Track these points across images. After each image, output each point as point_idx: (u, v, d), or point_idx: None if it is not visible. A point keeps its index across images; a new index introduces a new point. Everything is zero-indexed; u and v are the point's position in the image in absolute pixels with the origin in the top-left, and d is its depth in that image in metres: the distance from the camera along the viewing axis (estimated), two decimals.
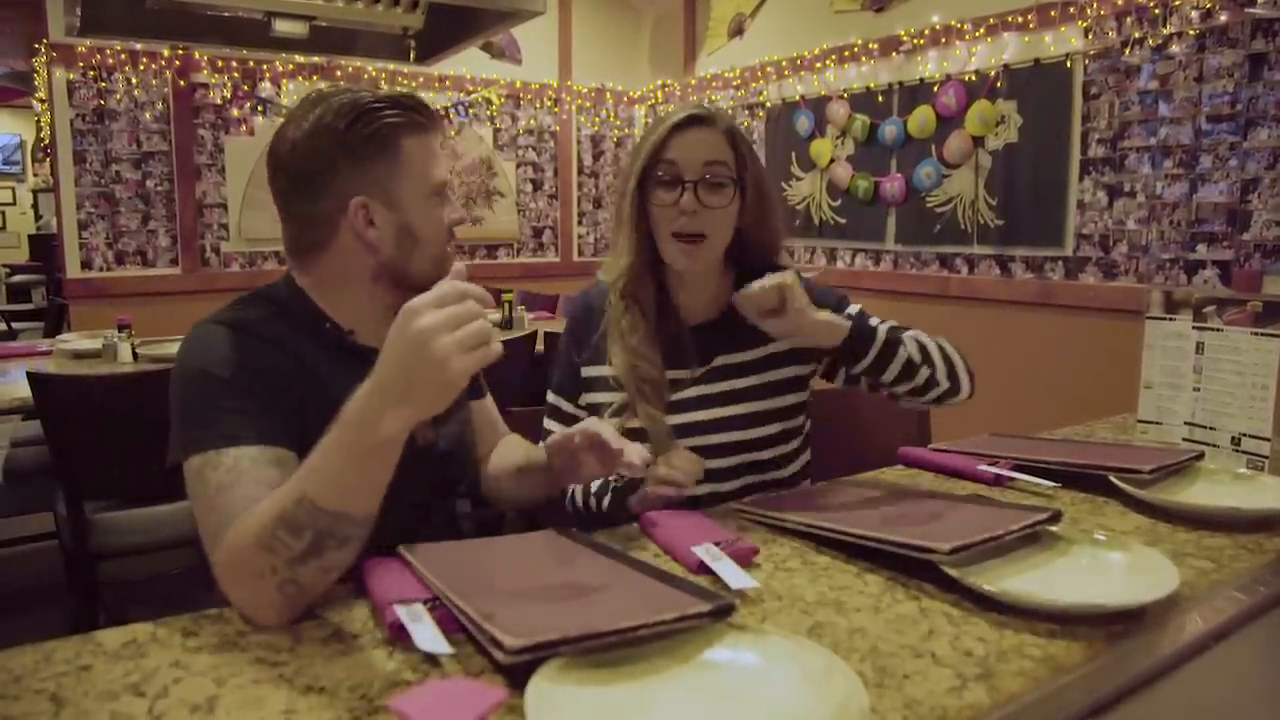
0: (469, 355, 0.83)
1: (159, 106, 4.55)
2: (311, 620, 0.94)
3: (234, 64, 4.71)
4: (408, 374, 0.83)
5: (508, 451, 1.47)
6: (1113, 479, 1.37)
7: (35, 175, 11.15)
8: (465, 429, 1.38)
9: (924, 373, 1.40)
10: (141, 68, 4.49)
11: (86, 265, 4.47)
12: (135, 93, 4.49)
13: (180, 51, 4.53)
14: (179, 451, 1.05)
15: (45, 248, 8.43)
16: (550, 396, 1.57)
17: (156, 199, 4.58)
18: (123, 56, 4.44)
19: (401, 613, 0.88)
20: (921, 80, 4.08)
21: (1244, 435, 1.52)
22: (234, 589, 0.94)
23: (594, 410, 1.50)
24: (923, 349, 1.42)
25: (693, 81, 5.51)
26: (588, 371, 1.52)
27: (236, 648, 0.88)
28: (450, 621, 0.88)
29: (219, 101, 4.69)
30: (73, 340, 3.35)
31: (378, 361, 0.86)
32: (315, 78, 4.89)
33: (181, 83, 4.58)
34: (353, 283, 1.19)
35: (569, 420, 1.52)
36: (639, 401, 1.43)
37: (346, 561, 0.95)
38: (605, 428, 1.22)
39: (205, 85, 4.67)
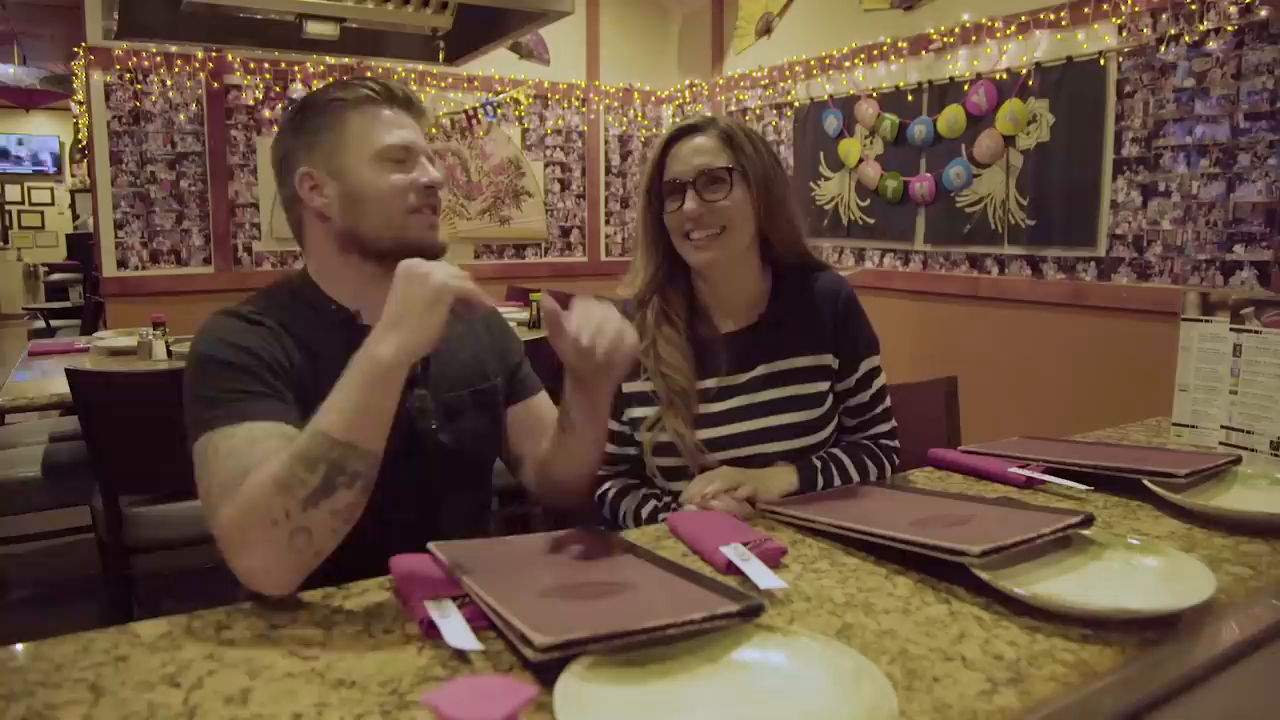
0: (453, 278, 1.02)
1: (193, 108, 4.61)
2: (342, 615, 0.95)
3: (266, 65, 4.76)
4: (402, 301, 1.01)
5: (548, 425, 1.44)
6: (1147, 483, 1.35)
7: (73, 176, 11.34)
8: (489, 427, 1.37)
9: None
10: (176, 70, 4.55)
11: (122, 264, 4.54)
12: (170, 94, 4.55)
13: (214, 54, 4.59)
14: (190, 437, 1.08)
15: (83, 247, 8.56)
16: None
17: (190, 199, 4.65)
18: (158, 59, 4.50)
19: (431, 609, 0.89)
20: (951, 79, 4.04)
21: None
22: (243, 550, 0.97)
23: (635, 425, 1.49)
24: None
25: (720, 81, 5.50)
26: (629, 387, 1.50)
27: (269, 641, 0.89)
28: (480, 618, 0.89)
29: (251, 102, 4.74)
30: (109, 338, 3.40)
31: (388, 300, 1.03)
32: (345, 78, 4.93)
33: (215, 84, 4.64)
34: (330, 257, 1.26)
35: (615, 436, 1.51)
36: (667, 415, 1.44)
37: (354, 506, 0.99)
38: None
39: (238, 87, 4.72)
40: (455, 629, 0.86)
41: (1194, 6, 3.16)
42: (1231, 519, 1.25)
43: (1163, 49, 3.27)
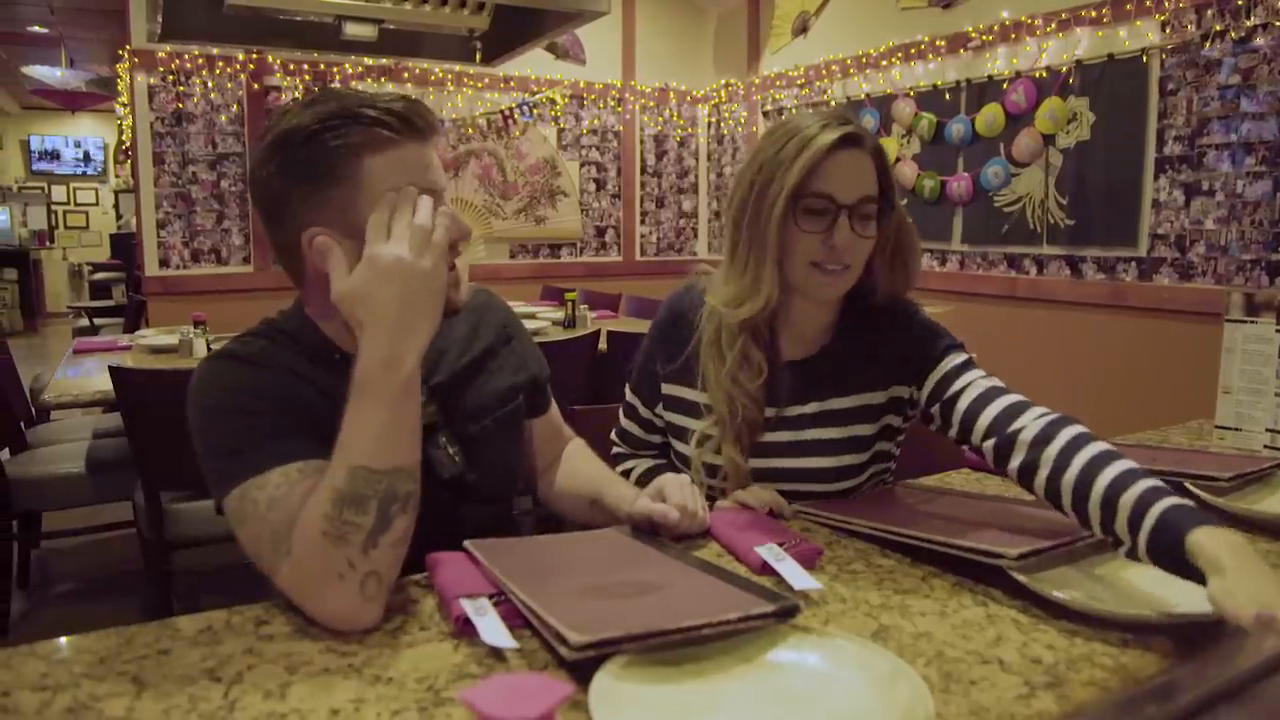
0: (439, 252, 0.99)
1: (234, 109, 4.68)
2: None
3: (305, 67, 4.82)
4: (406, 305, 0.96)
5: (578, 474, 1.41)
6: (1189, 486, 1.33)
7: (117, 176, 11.54)
8: (514, 456, 1.34)
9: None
10: (218, 71, 4.62)
11: (164, 263, 4.62)
12: (211, 96, 4.63)
13: (254, 55, 4.66)
14: (215, 491, 1.02)
15: (125, 246, 8.71)
16: (628, 393, 1.51)
17: (230, 199, 4.72)
18: (200, 61, 4.57)
19: (467, 607, 0.90)
20: (990, 77, 4.00)
21: None
22: (314, 601, 0.92)
23: (675, 431, 1.44)
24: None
25: (756, 80, 5.49)
26: (670, 389, 1.43)
27: (308, 637, 0.90)
28: (515, 616, 0.89)
29: (284, 113, 4.79)
30: (151, 336, 3.46)
31: (365, 310, 0.96)
32: (384, 79, 4.99)
33: (255, 85, 4.70)
34: (339, 315, 1.05)
35: (645, 424, 1.50)
36: (728, 443, 1.33)
37: (410, 530, 0.96)
38: (681, 495, 1.18)
39: (278, 88, 4.78)
40: (491, 627, 0.86)
41: (1240, 2, 3.10)
42: (1276, 523, 1.22)
43: (1207, 45, 3.21)
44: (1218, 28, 3.18)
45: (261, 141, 1.07)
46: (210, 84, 4.62)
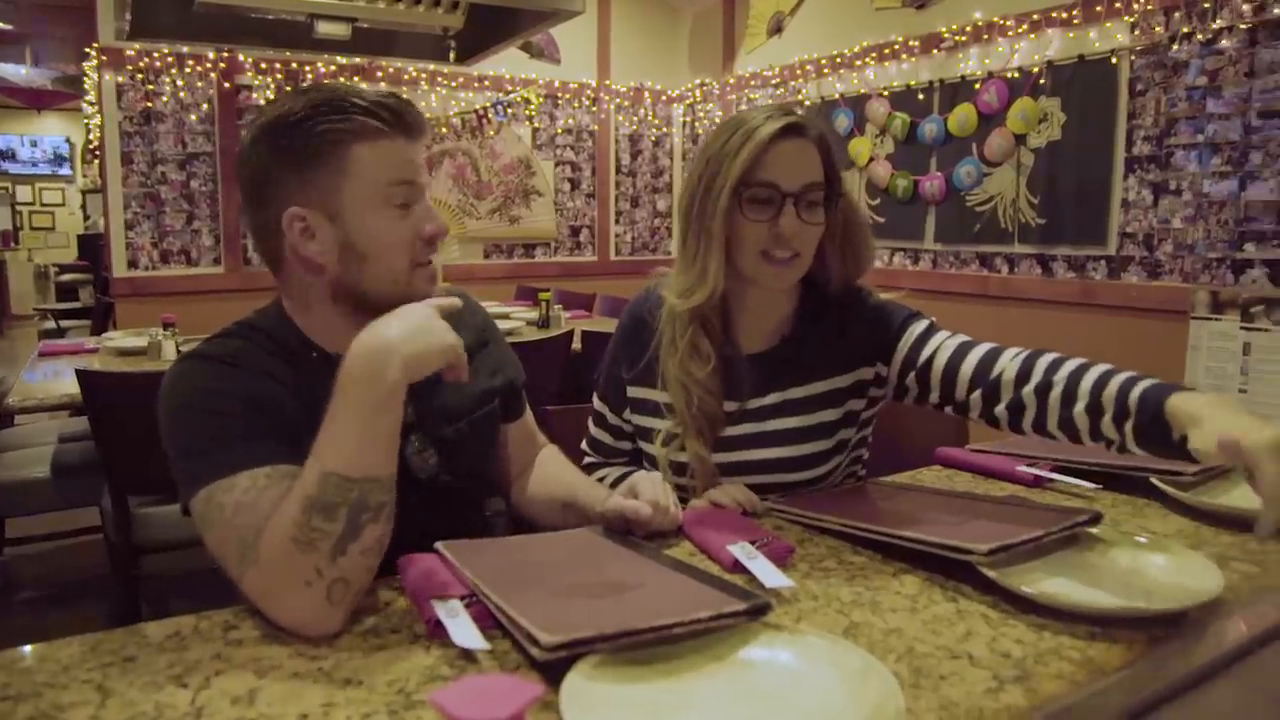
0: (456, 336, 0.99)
1: (204, 108, 4.63)
2: (350, 615, 0.95)
3: (277, 65, 4.78)
4: (410, 324, 0.96)
5: (552, 478, 1.41)
6: (1154, 481, 1.35)
7: (84, 176, 11.39)
8: (489, 459, 1.35)
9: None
10: (188, 70, 4.58)
11: (132, 264, 4.57)
12: (181, 95, 4.58)
13: (225, 54, 4.62)
14: (183, 491, 1.01)
15: (93, 247, 8.60)
16: (596, 402, 1.53)
17: (201, 199, 4.67)
18: (169, 59, 4.52)
19: (439, 609, 0.89)
20: (963, 78, 4.03)
21: None
22: (279, 607, 0.91)
23: (642, 433, 1.45)
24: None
25: (731, 80, 5.50)
26: (635, 392, 1.45)
27: (277, 641, 0.89)
28: (487, 618, 0.89)
29: (263, 102, 4.76)
30: (119, 338, 3.41)
31: (377, 320, 0.96)
32: (357, 78, 4.95)
33: (226, 85, 4.66)
34: (317, 302, 1.13)
35: (614, 430, 1.50)
36: (690, 438, 1.35)
37: (383, 540, 0.95)
38: (653, 491, 1.18)
39: (249, 87, 4.74)
40: (462, 628, 0.86)
41: (1207, 4, 3.15)
42: (1239, 517, 1.24)
43: (1175, 47, 3.25)
44: (1185, 30, 3.22)
45: (252, 126, 1.10)
46: (180, 83, 4.57)
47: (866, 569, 1.08)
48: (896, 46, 4.34)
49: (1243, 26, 3.06)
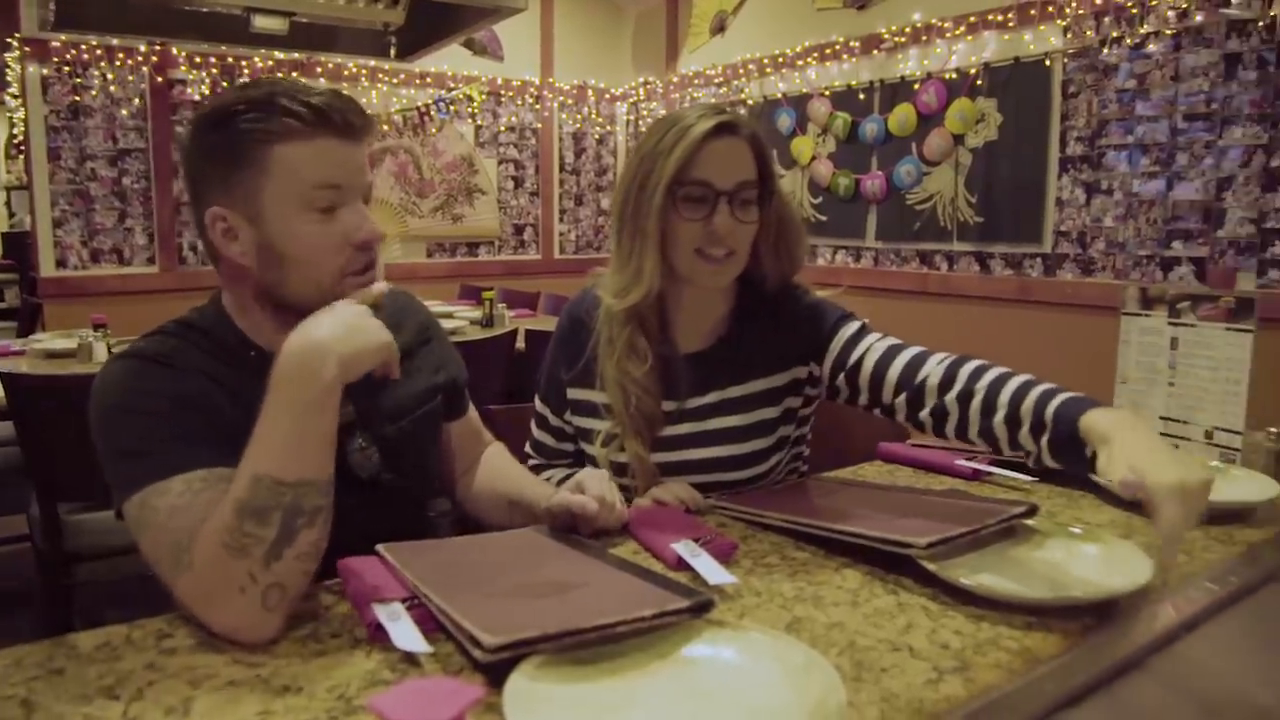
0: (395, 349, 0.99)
1: (136, 103, 4.51)
2: (288, 620, 0.93)
3: (213, 60, 4.68)
4: (341, 323, 0.94)
5: (498, 475, 1.40)
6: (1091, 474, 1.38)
7: (8, 173, 11.02)
8: (431, 457, 1.32)
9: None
10: (118, 63, 4.45)
11: (61, 264, 4.43)
12: (111, 89, 4.45)
13: (158, 47, 4.50)
14: (116, 495, 0.98)
15: (19, 246, 8.32)
16: (537, 404, 1.51)
17: (133, 196, 4.55)
18: (98, 52, 4.39)
19: (380, 612, 0.88)
20: (902, 78, 4.09)
21: (1216, 429, 1.53)
22: (213, 613, 0.89)
23: (583, 435, 1.44)
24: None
25: (674, 79, 5.51)
26: (574, 393, 1.44)
27: (213, 649, 0.87)
28: (429, 620, 0.88)
29: (198, 97, 4.65)
30: (47, 340, 3.31)
31: (308, 319, 0.95)
32: (295, 74, 4.86)
33: (159, 79, 4.54)
34: (247, 301, 1.10)
35: (556, 432, 1.49)
36: (629, 438, 1.35)
37: (319, 545, 0.93)
38: (599, 488, 1.17)
39: (183, 81, 4.63)
40: (404, 631, 0.85)
41: (1134, 10, 3.24)
42: None
43: (1105, 50, 3.34)
44: (1114, 34, 3.31)
45: (192, 118, 1.09)
46: (110, 76, 4.44)
47: (809, 564, 1.09)
48: (837, 47, 4.40)
49: (1168, 32, 3.16)
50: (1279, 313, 2.70)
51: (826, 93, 4.46)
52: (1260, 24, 2.94)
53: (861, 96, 4.29)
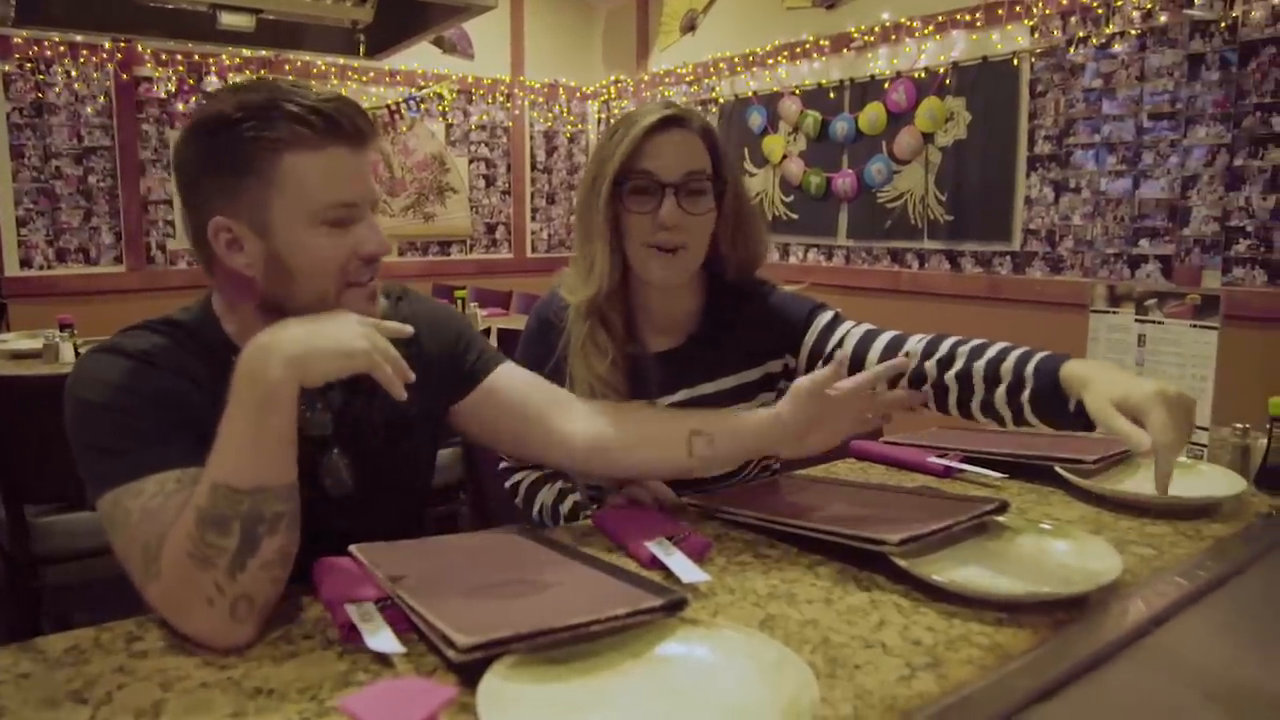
0: (376, 343, 0.94)
1: (101, 100, 4.45)
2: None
3: (179, 57, 4.62)
4: (314, 325, 0.92)
5: (639, 419, 1.26)
6: (1058, 469, 1.40)
7: None
8: (419, 461, 1.26)
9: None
10: (82, 60, 4.38)
11: (26, 263, 4.35)
12: (76, 86, 4.38)
13: (122, 44, 4.43)
14: (90, 492, 0.96)
15: None
16: None
17: (99, 195, 4.48)
18: (61, 49, 4.32)
19: (353, 613, 0.87)
20: (872, 77, 4.12)
21: None
22: (184, 622, 0.88)
23: None
24: None
25: (645, 77, 5.51)
26: None
27: (183, 651, 0.86)
28: (403, 621, 0.87)
29: (164, 95, 4.59)
30: (12, 340, 3.27)
31: (281, 323, 0.94)
32: (263, 71, 4.82)
33: (124, 76, 4.48)
34: (245, 311, 1.07)
35: None
36: None
37: (286, 551, 0.91)
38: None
39: (149, 79, 4.57)
40: (377, 632, 0.84)
41: (1100, 11, 3.28)
42: (1137, 502, 1.30)
43: (1072, 50, 3.38)
44: (1081, 34, 3.35)
45: (186, 123, 1.04)
46: (74, 73, 4.37)
47: (783, 562, 1.09)
48: (808, 45, 4.42)
49: (1133, 33, 3.20)
50: (1243, 310, 2.77)
51: (797, 91, 4.48)
52: (1222, 25, 2.98)
53: (832, 95, 4.31)
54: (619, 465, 1.24)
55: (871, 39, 4.11)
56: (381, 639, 0.83)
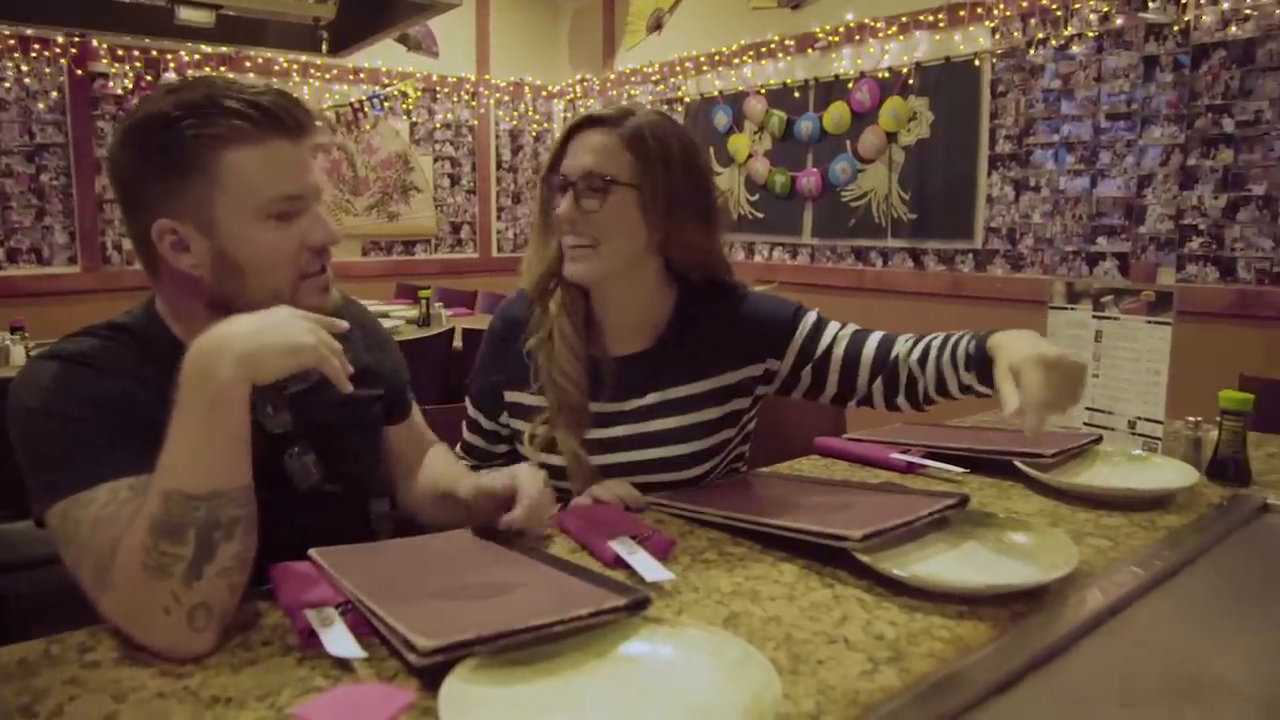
0: (322, 337, 0.91)
1: (53, 96, 4.36)
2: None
3: (136, 53, 4.54)
4: (260, 322, 0.88)
5: (436, 472, 1.36)
6: (1017, 463, 1.42)
7: None
8: (373, 462, 1.30)
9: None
10: (33, 55, 4.29)
11: None
12: (27, 81, 4.29)
13: (76, 38, 4.35)
14: (37, 504, 0.94)
15: None
16: (470, 409, 1.49)
17: (52, 194, 4.39)
18: (11, 43, 4.23)
19: (312, 618, 0.86)
20: (836, 77, 4.15)
21: (1139, 419, 1.58)
22: (140, 633, 0.85)
23: (519, 437, 1.41)
24: None
25: (612, 76, 5.51)
26: (512, 396, 1.42)
27: (138, 661, 0.84)
28: (363, 625, 0.86)
29: (120, 92, 4.51)
30: None
31: (225, 319, 0.89)
32: (223, 68, 4.75)
33: (79, 72, 4.39)
34: (194, 310, 1.04)
35: (490, 435, 1.47)
36: (560, 431, 1.33)
37: (244, 556, 0.89)
38: (530, 480, 1.14)
39: (105, 75, 4.48)
40: (337, 637, 0.83)
41: (1059, 13, 3.32)
42: (1093, 495, 1.32)
43: (1032, 51, 3.42)
44: (1040, 35, 3.39)
45: (121, 125, 1.02)
46: (25, 68, 4.28)
47: (746, 559, 1.09)
48: (773, 45, 4.43)
49: (1090, 35, 3.25)
50: (1196, 306, 2.82)
51: (762, 91, 4.49)
52: (1175, 28, 3.04)
53: (796, 94, 4.34)
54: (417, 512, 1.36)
55: (836, 39, 4.14)
56: (341, 644, 0.82)
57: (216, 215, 0.99)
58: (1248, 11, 2.89)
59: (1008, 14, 3.50)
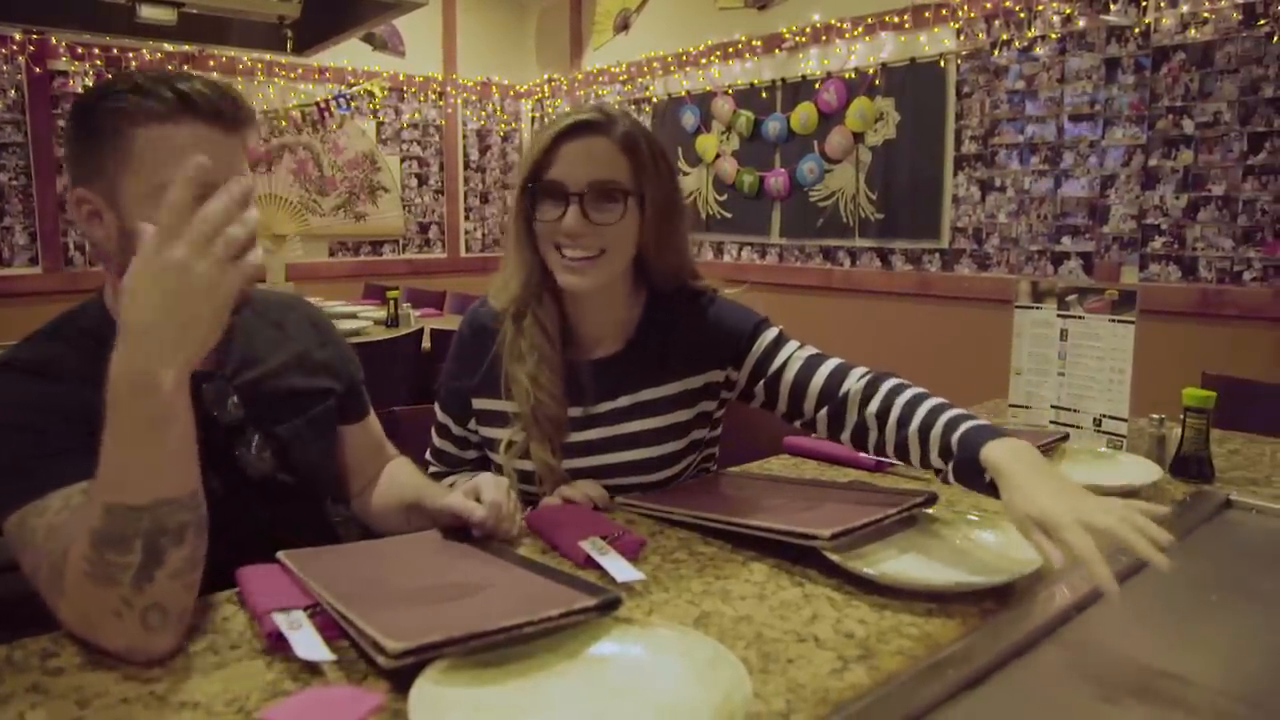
0: (236, 270, 0.79)
1: (12, 94, 4.28)
2: (185, 634, 0.89)
3: (96, 51, 4.47)
4: (175, 315, 0.77)
5: (398, 485, 1.34)
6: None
7: None
8: (327, 456, 1.29)
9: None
10: None
11: None
12: None
13: (35, 36, 4.27)
14: None
15: None
16: (439, 414, 1.47)
17: (11, 194, 4.31)
18: None
19: (280, 621, 0.85)
20: (804, 77, 4.17)
21: (1104, 416, 1.61)
22: (97, 637, 0.84)
23: (490, 445, 1.40)
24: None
25: (579, 76, 5.50)
26: (480, 404, 1.40)
27: (103, 666, 0.83)
28: (332, 628, 0.85)
29: (80, 90, 4.43)
30: None
31: (126, 309, 0.78)
32: (186, 67, 4.68)
33: (37, 69, 4.32)
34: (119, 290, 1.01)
35: (459, 441, 1.45)
36: (534, 442, 1.32)
37: (195, 557, 0.86)
38: (494, 493, 1.13)
39: (65, 73, 4.41)
40: (305, 640, 0.82)
41: (1022, 15, 3.36)
42: None
43: (996, 53, 3.46)
44: (1004, 37, 3.43)
45: None
46: None
47: (717, 559, 1.10)
48: (740, 46, 4.45)
49: (1054, 36, 3.29)
50: (1158, 305, 2.86)
51: (730, 91, 4.51)
52: (1136, 30, 3.09)
53: (764, 95, 4.35)
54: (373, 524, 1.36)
55: (803, 39, 4.16)
56: (310, 647, 0.81)
57: (122, 189, 0.99)
58: (1205, 15, 2.94)
59: (972, 15, 3.53)
